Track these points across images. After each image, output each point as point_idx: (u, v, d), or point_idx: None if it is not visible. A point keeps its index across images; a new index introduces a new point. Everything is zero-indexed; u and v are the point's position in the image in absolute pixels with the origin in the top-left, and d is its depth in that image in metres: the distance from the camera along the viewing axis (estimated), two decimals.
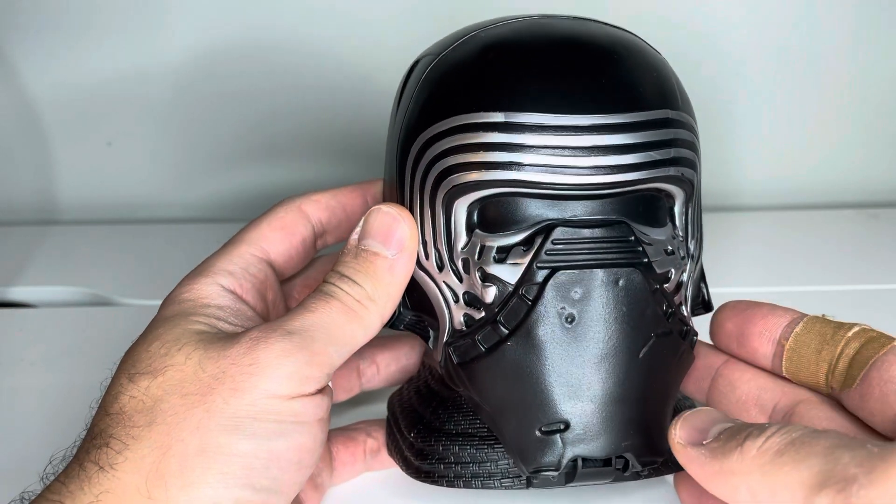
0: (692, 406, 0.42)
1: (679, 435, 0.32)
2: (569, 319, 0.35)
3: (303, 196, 0.42)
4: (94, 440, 0.33)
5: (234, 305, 0.37)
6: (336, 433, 0.43)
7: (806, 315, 0.36)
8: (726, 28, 0.66)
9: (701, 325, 0.39)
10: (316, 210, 0.42)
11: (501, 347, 0.35)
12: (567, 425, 0.35)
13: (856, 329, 0.35)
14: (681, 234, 0.37)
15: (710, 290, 0.41)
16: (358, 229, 0.37)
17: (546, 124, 0.34)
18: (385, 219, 0.36)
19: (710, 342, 0.40)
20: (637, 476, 0.36)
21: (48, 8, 0.65)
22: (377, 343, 0.44)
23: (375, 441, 0.43)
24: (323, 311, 0.35)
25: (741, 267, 0.59)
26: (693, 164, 0.37)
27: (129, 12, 0.65)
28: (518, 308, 0.35)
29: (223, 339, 0.34)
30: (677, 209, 0.37)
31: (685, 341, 0.37)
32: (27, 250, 0.65)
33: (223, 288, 0.37)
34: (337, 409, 0.45)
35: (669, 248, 0.36)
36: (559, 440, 0.35)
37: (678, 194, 0.37)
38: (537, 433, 0.35)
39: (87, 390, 0.39)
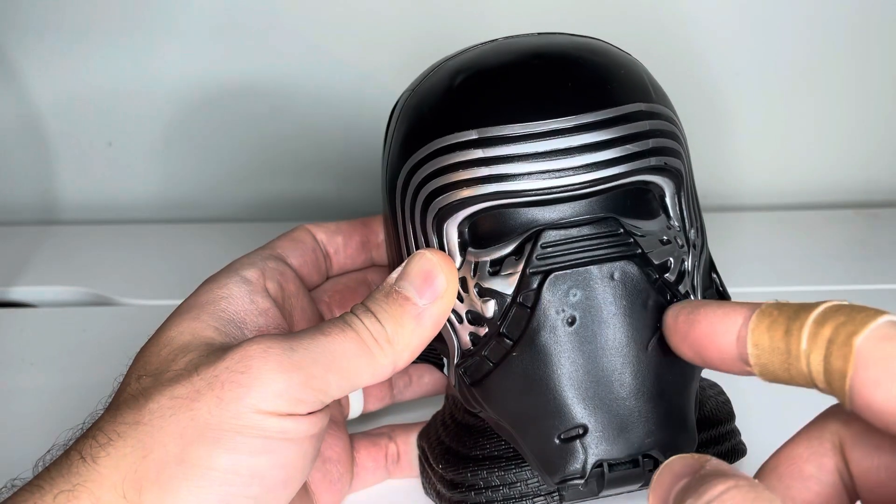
0: (721, 394, 0.41)
1: None
2: (570, 321, 0.34)
3: (310, 223, 0.44)
4: (86, 431, 0.33)
5: (250, 297, 0.37)
6: (359, 437, 0.43)
7: (759, 305, 0.30)
8: (725, 28, 0.66)
9: None
10: (318, 231, 0.43)
11: (508, 359, 0.35)
12: (585, 429, 0.34)
13: (820, 310, 0.28)
14: (676, 223, 0.37)
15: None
16: (399, 269, 0.36)
17: (520, 133, 0.34)
18: (426, 265, 0.36)
19: None
20: None
21: (52, 11, 0.65)
22: None
23: (396, 446, 0.43)
24: (335, 337, 0.34)
25: (740, 267, 0.59)
26: (676, 153, 0.37)
27: (134, 19, 0.65)
28: (519, 317, 0.35)
29: (228, 346, 0.34)
30: (668, 199, 0.37)
31: None
32: (27, 250, 0.65)
33: (242, 278, 0.38)
34: (365, 419, 0.45)
35: (665, 237, 0.36)
36: (579, 446, 0.34)
37: (666, 185, 0.37)
38: (556, 441, 0.34)
39: (87, 390, 0.39)
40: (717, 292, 0.40)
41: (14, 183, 0.71)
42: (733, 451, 0.40)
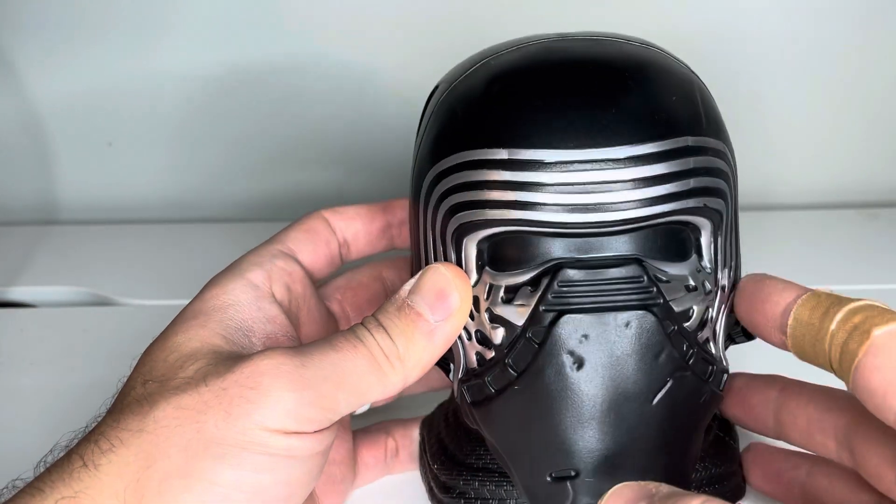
0: (733, 436, 0.41)
1: None
2: (577, 365, 0.33)
3: (327, 208, 0.42)
4: (88, 435, 0.33)
5: (257, 304, 0.37)
6: (358, 435, 0.43)
7: (809, 290, 0.33)
8: (726, 31, 0.66)
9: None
10: (336, 218, 0.42)
11: (510, 390, 0.34)
12: (577, 473, 0.33)
13: (860, 303, 0.32)
14: (708, 266, 0.36)
15: None
16: (412, 281, 0.35)
17: (552, 161, 0.32)
18: (439, 281, 0.34)
19: (757, 373, 0.39)
20: None
21: (51, 10, 0.65)
22: None
23: (395, 441, 0.43)
24: (347, 353, 0.33)
25: (741, 267, 0.59)
26: (719, 193, 0.35)
27: (134, 17, 0.65)
28: (526, 351, 0.34)
29: (236, 355, 0.33)
30: (704, 240, 0.35)
31: (708, 383, 0.35)
32: (27, 250, 0.65)
33: (249, 283, 0.37)
34: (369, 412, 0.44)
35: (691, 283, 0.35)
36: (569, 487, 0.34)
37: (704, 224, 0.35)
38: (547, 479, 0.34)
39: (87, 390, 0.39)
40: (742, 332, 0.38)
41: (14, 183, 0.71)
42: (738, 488, 0.39)
